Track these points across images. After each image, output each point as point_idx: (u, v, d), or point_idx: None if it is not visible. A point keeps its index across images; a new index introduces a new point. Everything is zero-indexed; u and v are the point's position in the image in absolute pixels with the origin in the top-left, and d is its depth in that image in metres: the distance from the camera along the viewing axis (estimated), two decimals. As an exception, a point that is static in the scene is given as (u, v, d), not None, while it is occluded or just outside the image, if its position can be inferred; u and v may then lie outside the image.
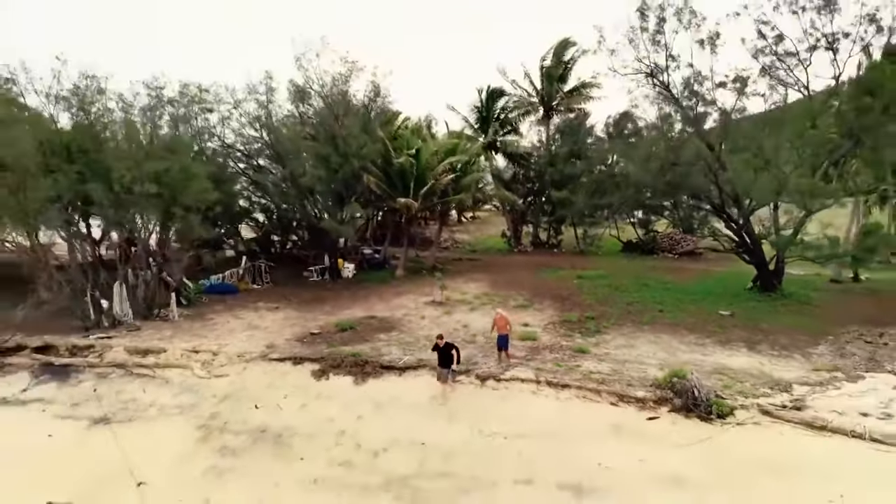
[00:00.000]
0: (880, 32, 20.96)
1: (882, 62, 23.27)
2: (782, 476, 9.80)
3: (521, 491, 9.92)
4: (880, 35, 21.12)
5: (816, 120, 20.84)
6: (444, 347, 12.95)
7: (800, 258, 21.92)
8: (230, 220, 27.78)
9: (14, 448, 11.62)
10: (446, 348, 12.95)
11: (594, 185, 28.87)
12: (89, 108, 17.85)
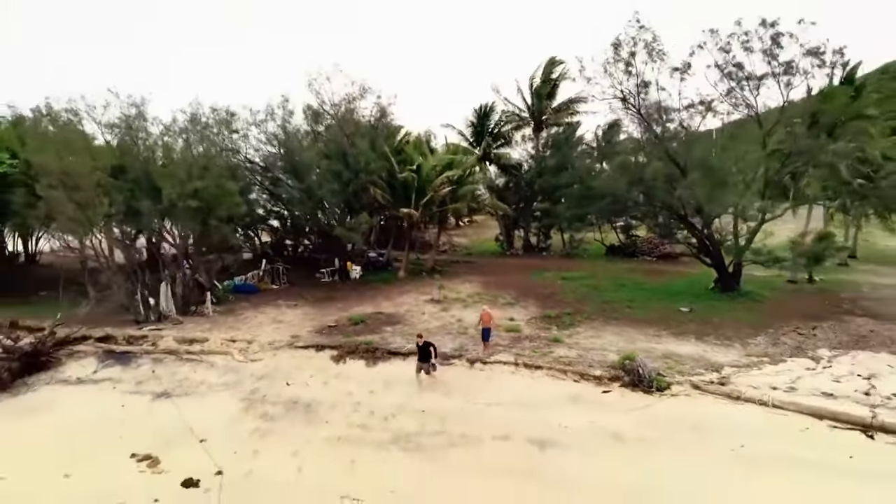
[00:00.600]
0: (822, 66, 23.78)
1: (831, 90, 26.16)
2: (700, 432, 12.58)
3: (499, 444, 12.67)
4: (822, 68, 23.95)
5: (766, 139, 23.69)
6: (422, 346, 15.49)
7: (752, 262, 24.76)
8: (248, 226, 30.53)
9: (96, 415, 14.41)
10: (424, 346, 15.43)
11: (578, 195, 31.56)
12: (136, 134, 20.60)
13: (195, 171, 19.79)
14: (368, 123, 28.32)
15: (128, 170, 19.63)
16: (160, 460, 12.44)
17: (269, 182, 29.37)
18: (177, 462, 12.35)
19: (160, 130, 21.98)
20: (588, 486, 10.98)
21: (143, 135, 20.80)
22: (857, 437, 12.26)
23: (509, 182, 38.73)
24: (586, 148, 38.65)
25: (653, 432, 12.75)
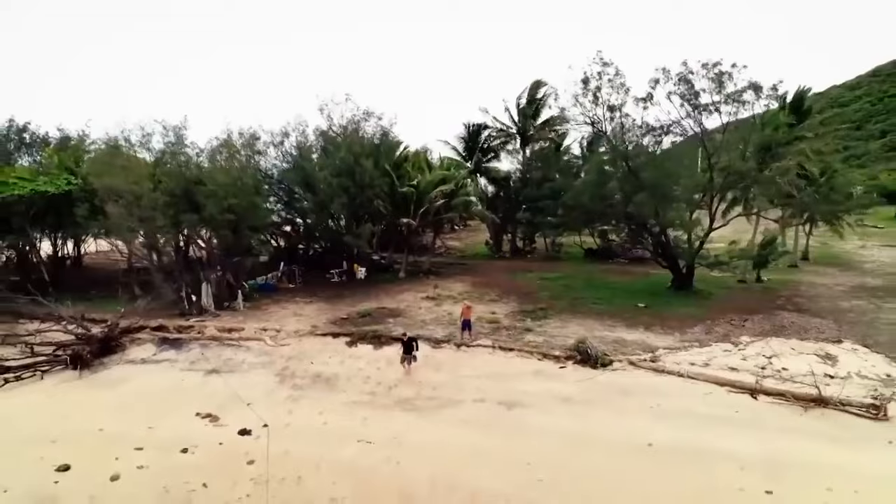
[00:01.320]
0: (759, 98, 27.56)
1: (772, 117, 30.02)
2: (628, 395, 16.33)
3: (477, 405, 16.38)
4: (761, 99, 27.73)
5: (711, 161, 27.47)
6: (406, 341, 18.76)
7: (699, 265, 28.56)
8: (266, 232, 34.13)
9: (163, 386, 18.09)
10: (409, 341, 18.71)
11: (553, 207, 35.23)
12: (179, 158, 24.27)
13: (230, 189, 23.47)
14: (372, 143, 32.02)
15: (175, 190, 23.21)
16: (219, 417, 16.13)
17: (285, 194, 33.02)
18: (231, 419, 16.03)
19: (196, 153, 25.73)
20: (540, 433, 14.71)
21: (183, 158, 24.42)
22: (745, 398, 16.02)
23: (499, 192, 42.43)
24: (571, 159, 42.41)
25: (593, 396, 16.50)
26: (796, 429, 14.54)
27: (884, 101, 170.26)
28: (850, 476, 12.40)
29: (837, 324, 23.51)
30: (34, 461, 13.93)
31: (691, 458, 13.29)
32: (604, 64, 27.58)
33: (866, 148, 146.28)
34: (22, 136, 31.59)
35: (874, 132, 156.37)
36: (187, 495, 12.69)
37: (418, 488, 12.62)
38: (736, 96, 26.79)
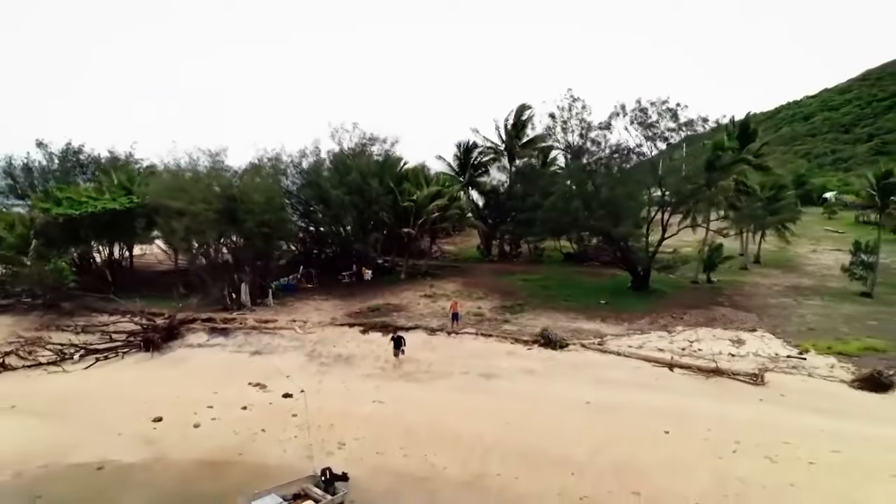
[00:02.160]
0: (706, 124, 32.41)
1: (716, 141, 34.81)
2: (578, 369, 21.07)
3: (463, 376, 21.07)
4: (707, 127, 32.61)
5: (661, 181, 32.28)
6: (396, 338, 23.06)
7: (654, 268, 33.33)
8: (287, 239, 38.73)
9: (218, 363, 22.75)
10: (397, 339, 23.04)
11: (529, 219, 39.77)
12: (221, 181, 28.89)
13: (264, 207, 28.07)
14: (377, 163, 36.66)
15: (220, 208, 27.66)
16: (266, 385, 20.81)
17: (302, 206, 37.54)
18: (275, 387, 20.67)
19: (232, 174, 30.32)
20: (509, 395, 19.43)
21: (224, 181, 28.99)
22: (664, 370, 20.80)
23: (488, 202, 47.04)
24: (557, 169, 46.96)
25: (551, 369, 21.26)
26: (697, 392, 19.35)
27: (872, 104, 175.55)
28: (726, 421, 17.21)
29: (759, 316, 28.33)
30: (135, 415, 18.61)
31: (616, 412, 18.05)
32: (573, 99, 32.52)
33: (853, 151, 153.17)
34: (78, 157, 36.18)
35: (862, 136, 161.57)
36: (252, 436, 17.40)
37: (418, 430, 17.35)
38: (684, 127, 31.80)
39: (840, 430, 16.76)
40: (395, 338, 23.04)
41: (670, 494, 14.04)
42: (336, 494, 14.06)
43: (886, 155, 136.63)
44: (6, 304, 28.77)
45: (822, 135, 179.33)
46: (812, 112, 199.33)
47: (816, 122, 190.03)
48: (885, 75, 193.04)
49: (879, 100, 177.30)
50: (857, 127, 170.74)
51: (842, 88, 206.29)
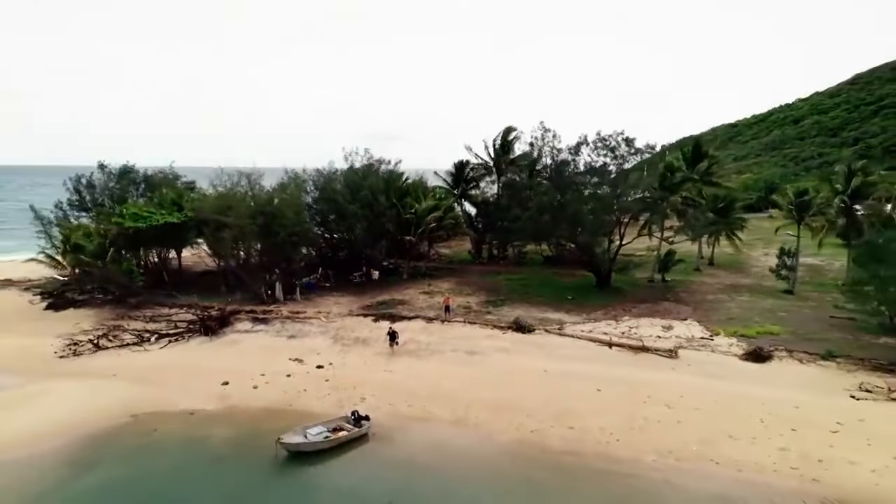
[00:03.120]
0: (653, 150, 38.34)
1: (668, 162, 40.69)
2: (539, 347, 26.97)
3: (452, 353, 26.89)
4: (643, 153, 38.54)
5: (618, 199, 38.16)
6: (391, 333, 28.51)
7: (615, 270, 39.23)
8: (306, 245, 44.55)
9: (263, 345, 28.50)
10: (392, 333, 28.57)
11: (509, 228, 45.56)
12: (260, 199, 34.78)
13: (294, 220, 33.81)
14: (384, 180, 42.51)
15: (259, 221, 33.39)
16: (303, 360, 26.62)
17: (320, 217, 43.27)
18: (310, 361, 26.48)
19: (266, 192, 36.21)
20: (488, 368, 25.30)
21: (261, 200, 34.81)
22: (605, 349, 26.71)
23: (479, 212, 52.81)
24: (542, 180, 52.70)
25: (520, 348, 27.16)
26: (626, 363, 25.28)
27: (859, 108, 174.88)
28: (643, 383, 23.12)
29: (694, 309, 34.20)
30: (207, 381, 24.40)
31: (564, 377, 23.97)
32: (545, 130, 38.50)
33: (839, 155, 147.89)
34: (130, 176, 41.92)
35: (848, 140, 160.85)
36: (297, 394, 23.27)
37: (419, 390, 23.22)
38: (637, 153, 37.80)
39: (724, 388, 22.74)
40: (390, 333, 28.48)
41: (594, 428, 20.02)
42: (361, 427, 20.01)
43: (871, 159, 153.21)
44: (83, 299, 34.52)
45: (811, 138, 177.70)
46: (802, 115, 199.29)
47: (806, 125, 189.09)
48: (874, 79, 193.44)
49: (867, 104, 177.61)
50: (844, 131, 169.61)
51: (832, 92, 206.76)
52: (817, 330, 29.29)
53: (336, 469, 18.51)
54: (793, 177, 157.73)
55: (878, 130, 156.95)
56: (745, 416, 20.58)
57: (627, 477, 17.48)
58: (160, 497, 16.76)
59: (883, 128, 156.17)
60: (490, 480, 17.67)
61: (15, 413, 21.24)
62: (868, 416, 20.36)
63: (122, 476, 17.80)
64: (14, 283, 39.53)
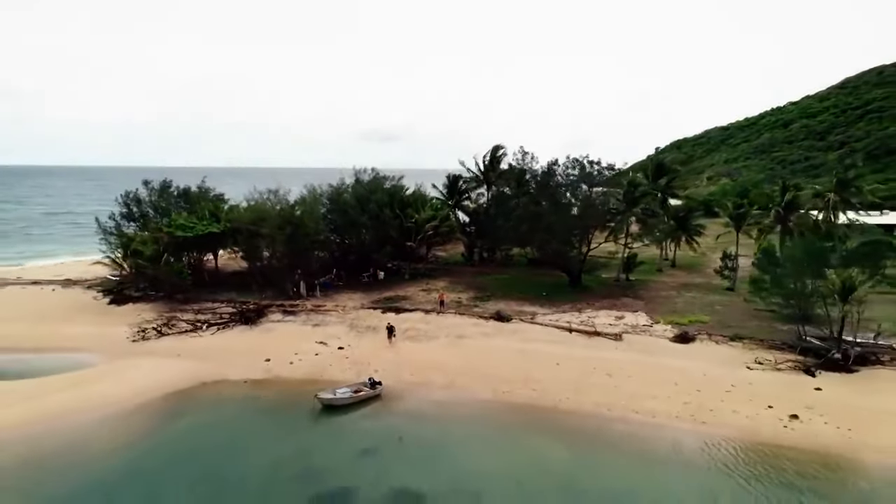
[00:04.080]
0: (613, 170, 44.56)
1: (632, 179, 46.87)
2: (515, 332, 33.15)
3: (446, 338, 32.99)
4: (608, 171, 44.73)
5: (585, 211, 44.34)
6: (389, 327, 34.67)
7: (585, 271, 45.42)
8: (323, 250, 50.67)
9: (293, 331, 34.61)
10: (390, 327, 34.81)
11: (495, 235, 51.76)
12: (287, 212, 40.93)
13: (315, 229, 39.91)
14: (389, 194, 48.68)
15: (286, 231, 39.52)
16: (327, 343, 32.68)
17: (333, 225, 49.32)
18: (333, 344, 32.53)
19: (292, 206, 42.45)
20: (473, 348, 31.47)
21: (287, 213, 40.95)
22: (566, 333, 32.92)
23: (470, 219, 58.94)
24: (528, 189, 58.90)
25: (499, 333, 33.34)
26: (580, 344, 31.48)
27: (846, 112, 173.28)
28: (592, 359, 29.30)
29: (646, 303, 40.36)
30: (252, 358, 30.45)
31: (532, 354, 30.13)
32: (524, 153, 44.77)
33: (825, 158, 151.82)
34: (169, 191, 47.97)
35: (834, 143, 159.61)
36: (324, 368, 29.41)
37: (419, 364, 29.37)
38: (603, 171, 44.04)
39: (653, 362, 28.95)
40: (388, 327, 34.38)
41: (551, 390, 26.19)
42: (376, 389, 26.19)
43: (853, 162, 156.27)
44: (139, 296, 40.58)
45: (799, 142, 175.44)
46: (792, 119, 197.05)
47: (794, 128, 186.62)
48: (861, 83, 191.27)
49: (854, 108, 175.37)
50: (831, 135, 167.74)
51: (821, 96, 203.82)
52: (740, 319, 35.53)
53: (357, 417, 24.62)
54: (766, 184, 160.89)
55: (862, 135, 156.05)
56: (665, 382, 26.80)
57: (570, 419, 23.75)
58: (235, 435, 22.90)
59: (867, 132, 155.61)
60: (473, 424, 23.86)
61: (111, 380, 27.41)
62: (755, 381, 26.63)
63: (203, 422, 23.98)
64: (75, 283, 45.53)
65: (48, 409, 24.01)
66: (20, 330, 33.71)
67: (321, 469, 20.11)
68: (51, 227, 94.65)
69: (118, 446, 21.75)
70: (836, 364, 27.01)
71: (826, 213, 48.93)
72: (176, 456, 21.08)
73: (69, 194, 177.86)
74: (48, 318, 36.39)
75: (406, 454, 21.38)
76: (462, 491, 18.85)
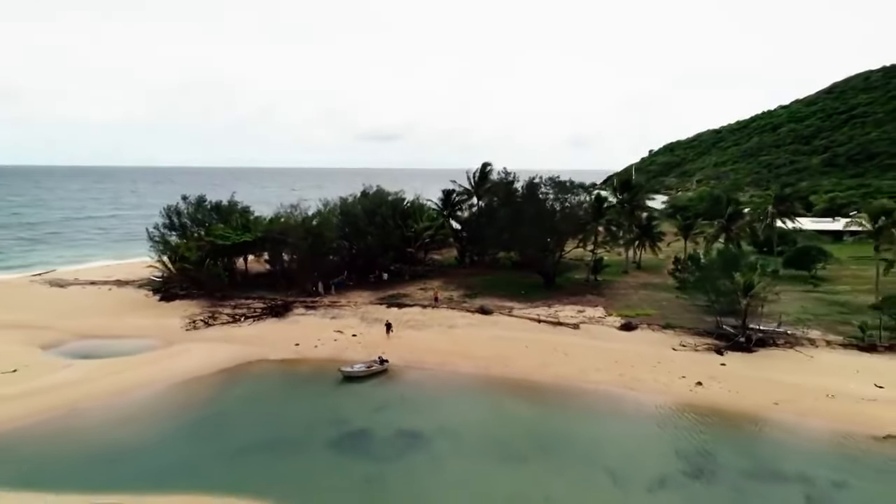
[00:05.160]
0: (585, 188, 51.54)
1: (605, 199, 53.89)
2: (494, 323, 40.05)
3: (439, 327, 39.77)
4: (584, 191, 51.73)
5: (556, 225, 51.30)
6: (388, 323, 41.61)
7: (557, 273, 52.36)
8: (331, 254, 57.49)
9: (316, 323, 41.46)
10: (388, 323, 41.50)
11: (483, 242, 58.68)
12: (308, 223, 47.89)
13: (332, 237, 46.77)
14: (392, 206, 55.61)
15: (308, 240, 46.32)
16: (342, 332, 39.44)
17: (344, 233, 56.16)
18: (347, 332, 39.27)
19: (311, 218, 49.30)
20: (460, 335, 38.33)
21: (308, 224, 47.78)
22: (535, 324, 39.86)
23: (462, 227, 65.86)
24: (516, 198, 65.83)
25: (482, 323, 40.19)
26: (547, 332, 38.37)
27: (832, 117, 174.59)
28: (554, 343, 36.20)
29: (606, 300, 47.23)
30: (285, 343, 37.31)
31: (507, 340, 37.00)
32: (507, 173, 51.77)
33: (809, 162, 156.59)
34: (204, 205, 54.72)
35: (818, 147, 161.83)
36: (343, 350, 36.23)
37: (417, 348, 36.22)
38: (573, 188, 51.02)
39: (602, 345, 35.81)
40: (387, 324, 41.05)
41: (520, 366, 33.04)
42: (384, 365, 33.08)
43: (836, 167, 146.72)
44: (184, 293, 47.35)
45: (786, 146, 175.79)
46: (781, 122, 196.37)
47: (783, 132, 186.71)
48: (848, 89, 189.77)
49: (839, 113, 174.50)
50: (816, 139, 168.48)
51: (810, 100, 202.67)
52: (678, 312, 42.46)
53: (370, 385, 31.38)
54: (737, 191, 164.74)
55: (845, 139, 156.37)
56: (609, 359, 33.68)
57: (533, 386, 30.69)
58: (281, 396, 29.78)
59: (850, 137, 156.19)
60: (458, 390, 30.75)
61: (176, 359, 34.18)
62: (676, 359, 33.57)
63: (254, 387, 30.84)
64: (126, 283, 52.30)
65: (134, 380, 30.84)
66: (98, 322, 40.53)
67: (346, 419, 26.94)
68: (78, 231, 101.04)
69: (193, 403, 28.62)
70: (741, 346, 33.96)
71: (764, 224, 55.98)
72: (238, 409, 27.95)
73: (83, 198, 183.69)
74: (115, 312, 43.20)
75: (407, 409, 28.21)
76: (448, 432, 25.65)
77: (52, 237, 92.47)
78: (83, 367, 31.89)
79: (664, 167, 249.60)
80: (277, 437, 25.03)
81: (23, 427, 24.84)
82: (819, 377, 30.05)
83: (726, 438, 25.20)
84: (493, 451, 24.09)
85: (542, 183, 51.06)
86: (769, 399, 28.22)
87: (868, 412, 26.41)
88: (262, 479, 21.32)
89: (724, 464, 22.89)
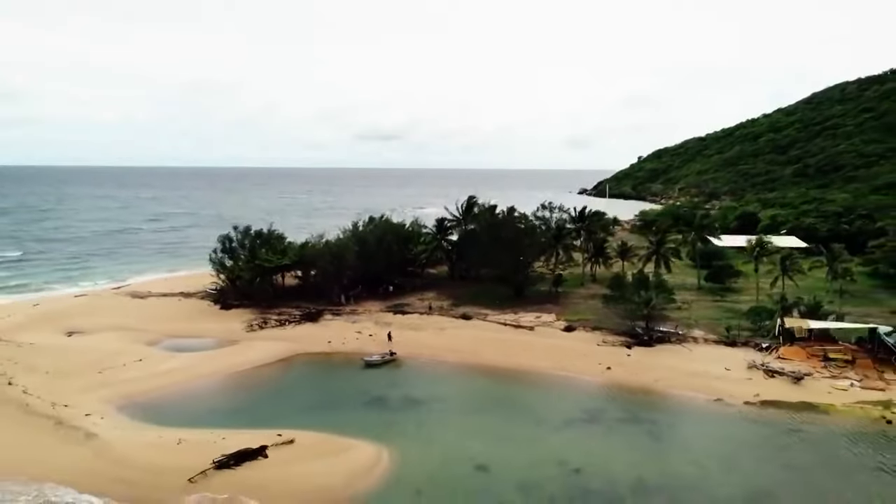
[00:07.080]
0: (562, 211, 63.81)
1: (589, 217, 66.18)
2: (473, 326, 51.94)
3: (431, 329, 51.57)
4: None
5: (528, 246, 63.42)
6: (389, 333, 53.30)
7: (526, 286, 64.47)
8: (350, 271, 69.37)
9: (340, 326, 53.32)
10: (389, 333, 53.29)
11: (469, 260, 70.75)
12: (331, 246, 59.79)
13: (349, 256, 58.81)
14: (396, 231, 67.74)
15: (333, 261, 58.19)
16: (362, 332, 51.47)
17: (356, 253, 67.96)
18: (367, 333, 51.11)
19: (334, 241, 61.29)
20: (448, 335, 50.27)
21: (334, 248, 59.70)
22: (507, 327, 51.90)
23: (452, 248, 77.89)
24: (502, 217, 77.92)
25: (464, 327, 52.21)
26: (510, 332, 50.31)
27: (808, 128, 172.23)
28: (514, 340, 48.34)
29: (560, 308, 59.21)
30: (321, 340, 49.21)
31: (481, 339, 49.13)
32: (490, 205, 64.03)
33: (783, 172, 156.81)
34: (250, 233, 66.54)
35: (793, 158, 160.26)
36: (362, 345, 48.09)
37: (416, 345, 48.10)
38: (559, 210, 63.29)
39: (549, 342, 47.87)
40: (388, 334, 52.76)
41: (490, 356, 45.07)
42: (394, 357, 45.12)
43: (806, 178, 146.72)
44: (238, 303, 59.14)
45: (764, 155, 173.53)
46: (761, 132, 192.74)
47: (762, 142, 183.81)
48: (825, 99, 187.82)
49: (815, 123, 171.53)
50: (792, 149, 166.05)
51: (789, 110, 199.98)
52: (609, 318, 54.41)
53: (384, 371, 43.13)
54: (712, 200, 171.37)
55: (817, 150, 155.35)
56: (552, 352, 45.65)
57: (497, 370, 42.75)
58: (323, 376, 41.81)
59: (822, 148, 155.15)
60: (445, 373, 42.72)
61: (244, 353, 46.00)
62: (598, 351, 45.51)
63: (303, 372, 42.79)
64: (190, 295, 64.11)
65: (221, 366, 42.70)
66: (180, 326, 52.38)
67: (369, 390, 38.70)
68: (125, 245, 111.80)
69: (265, 380, 40.53)
70: (644, 342, 46.14)
71: (687, 247, 68.31)
72: (296, 384, 39.95)
73: (112, 207, 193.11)
74: (189, 318, 55.06)
75: (410, 385, 40.07)
76: (438, 398, 37.46)
77: (104, 251, 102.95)
78: (184, 358, 43.76)
79: (651, 174, 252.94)
80: (326, 400, 36.94)
81: (163, 394, 36.65)
82: (690, 363, 42.15)
83: (616, 401, 37.32)
84: (467, 408, 36.10)
85: (515, 215, 63.16)
86: (653, 378, 40.27)
87: (713, 385, 38.42)
88: (321, 423, 33.13)
89: (609, 415, 34.92)
